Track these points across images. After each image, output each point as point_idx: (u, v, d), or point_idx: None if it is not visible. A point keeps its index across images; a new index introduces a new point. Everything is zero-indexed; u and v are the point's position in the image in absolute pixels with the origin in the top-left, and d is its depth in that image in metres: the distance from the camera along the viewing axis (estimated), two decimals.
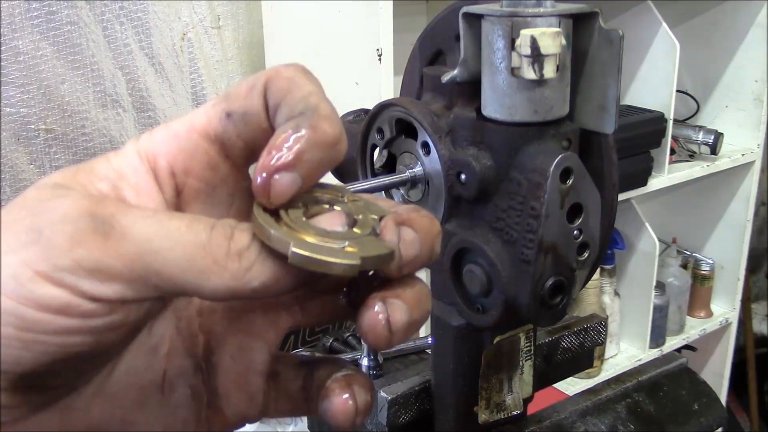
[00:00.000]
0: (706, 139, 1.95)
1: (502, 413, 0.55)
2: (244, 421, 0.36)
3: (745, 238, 2.17)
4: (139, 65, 1.57)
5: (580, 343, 0.65)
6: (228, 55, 1.69)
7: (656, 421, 0.61)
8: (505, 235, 0.44)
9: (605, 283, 1.94)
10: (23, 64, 1.43)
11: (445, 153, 0.47)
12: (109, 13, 1.51)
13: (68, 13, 1.46)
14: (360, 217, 0.33)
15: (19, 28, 1.41)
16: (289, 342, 1.01)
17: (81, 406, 0.32)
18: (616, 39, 0.42)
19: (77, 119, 1.51)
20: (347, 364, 0.37)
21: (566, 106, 0.45)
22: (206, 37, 1.65)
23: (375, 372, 0.75)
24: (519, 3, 0.42)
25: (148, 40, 1.57)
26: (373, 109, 0.53)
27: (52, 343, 0.28)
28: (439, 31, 0.51)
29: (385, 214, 0.33)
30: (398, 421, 0.58)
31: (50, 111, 1.48)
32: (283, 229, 0.30)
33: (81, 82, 1.50)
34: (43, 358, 0.28)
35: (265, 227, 0.30)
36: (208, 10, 1.63)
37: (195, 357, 0.36)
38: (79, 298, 0.28)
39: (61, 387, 0.32)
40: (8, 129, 1.44)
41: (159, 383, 0.35)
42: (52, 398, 0.32)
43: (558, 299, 0.45)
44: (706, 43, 2.10)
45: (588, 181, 0.44)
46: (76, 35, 1.48)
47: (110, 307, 0.28)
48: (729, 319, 2.25)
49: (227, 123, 0.33)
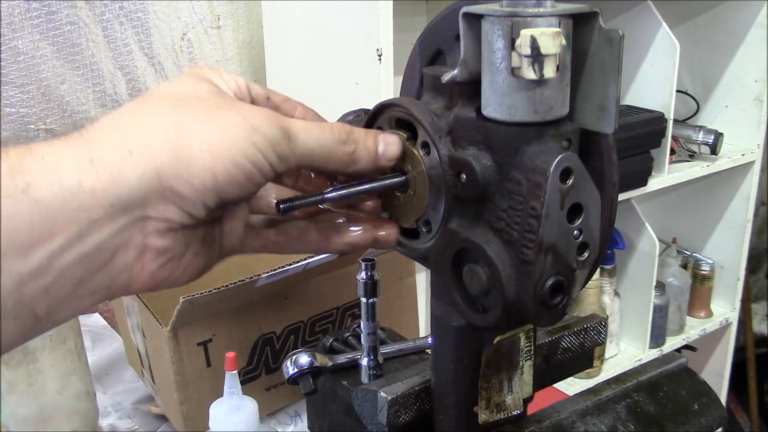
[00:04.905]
0: (706, 139, 1.95)
1: (502, 413, 0.55)
2: (232, 253, 0.50)
3: (745, 238, 2.17)
4: (139, 65, 1.57)
5: (580, 343, 0.65)
6: (228, 55, 1.69)
7: (656, 421, 0.61)
8: (505, 235, 0.44)
9: (605, 283, 1.94)
10: (23, 64, 1.43)
11: (445, 153, 0.47)
12: (109, 13, 1.51)
13: (68, 13, 1.46)
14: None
15: (19, 28, 1.41)
16: (290, 342, 1.01)
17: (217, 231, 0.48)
18: (616, 39, 0.42)
19: (77, 119, 1.51)
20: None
21: (566, 106, 0.45)
22: (206, 37, 1.65)
23: (375, 372, 0.75)
24: (519, 3, 0.42)
25: (148, 40, 1.57)
26: (373, 109, 0.53)
27: (240, 184, 0.43)
28: (439, 31, 0.51)
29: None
30: (398, 421, 0.58)
31: (50, 111, 1.48)
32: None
33: (81, 82, 1.50)
34: (238, 194, 0.43)
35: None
36: (208, 9, 1.63)
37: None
38: (268, 168, 0.44)
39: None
40: (8, 129, 1.44)
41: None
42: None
43: (558, 299, 0.45)
44: (706, 43, 2.10)
45: (588, 181, 0.44)
46: (75, 35, 1.48)
47: (273, 175, 0.44)
48: (729, 319, 2.25)
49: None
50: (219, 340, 0.95)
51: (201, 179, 0.41)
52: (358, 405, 0.61)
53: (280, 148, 0.44)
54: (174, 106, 0.43)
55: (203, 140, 0.42)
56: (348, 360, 0.78)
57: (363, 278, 0.73)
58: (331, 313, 1.04)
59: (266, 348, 0.99)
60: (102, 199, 0.40)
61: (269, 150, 0.43)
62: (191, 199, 0.42)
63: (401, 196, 0.52)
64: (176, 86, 0.46)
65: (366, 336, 0.74)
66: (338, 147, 0.47)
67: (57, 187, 0.39)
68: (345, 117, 0.58)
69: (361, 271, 0.73)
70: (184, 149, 0.41)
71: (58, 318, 0.41)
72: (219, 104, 0.45)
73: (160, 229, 0.42)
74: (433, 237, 0.51)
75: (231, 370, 0.80)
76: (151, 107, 0.43)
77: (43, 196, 0.38)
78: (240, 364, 0.96)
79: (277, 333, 1.00)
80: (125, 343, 1.14)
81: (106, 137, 0.41)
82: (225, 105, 0.45)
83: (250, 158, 0.43)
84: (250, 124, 0.43)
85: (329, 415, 0.79)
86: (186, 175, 0.41)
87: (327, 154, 0.47)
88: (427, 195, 0.50)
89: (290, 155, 0.45)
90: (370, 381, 0.74)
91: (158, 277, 0.44)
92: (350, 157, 0.48)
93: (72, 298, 0.41)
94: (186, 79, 0.46)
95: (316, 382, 0.77)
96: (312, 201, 0.49)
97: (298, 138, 0.45)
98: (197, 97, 0.45)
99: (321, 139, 0.46)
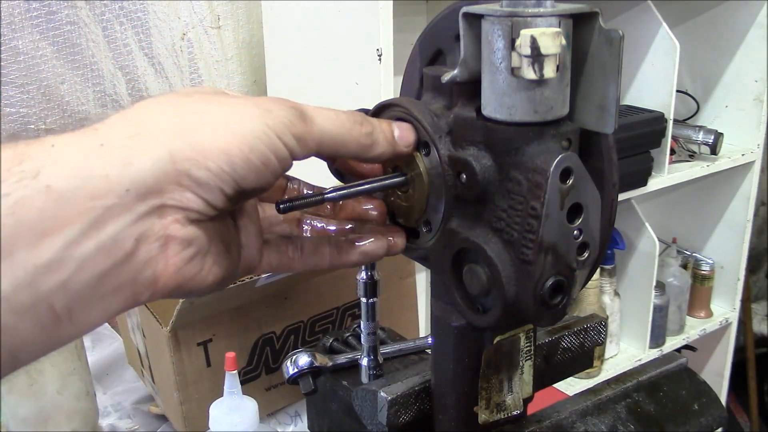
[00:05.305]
0: (706, 139, 1.95)
1: (502, 413, 0.55)
2: (251, 269, 0.49)
3: (745, 238, 2.17)
4: (139, 65, 1.57)
5: (580, 343, 0.65)
6: (228, 55, 1.69)
7: (656, 421, 0.61)
8: (505, 235, 0.45)
9: (605, 283, 1.94)
10: (23, 64, 1.43)
11: (445, 153, 0.47)
12: (109, 13, 1.51)
13: (68, 13, 1.46)
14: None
15: (19, 28, 1.41)
16: (290, 342, 1.01)
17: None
18: (616, 39, 0.42)
19: (77, 119, 1.51)
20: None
21: (566, 106, 0.45)
22: (206, 37, 1.65)
23: (375, 372, 0.75)
24: (519, 3, 0.42)
25: (148, 40, 1.57)
26: (372, 109, 0.53)
27: (257, 171, 0.42)
28: (439, 31, 0.51)
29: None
30: (398, 421, 0.58)
31: (50, 111, 1.48)
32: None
33: (81, 82, 1.50)
34: (255, 182, 0.42)
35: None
36: (208, 9, 1.63)
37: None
38: (285, 152, 0.43)
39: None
40: (8, 129, 1.44)
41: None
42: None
43: (558, 299, 0.45)
44: (706, 43, 2.10)
45: (588, 181, 0.44)
46: (75, 35, 1.48)
47: (291, 162, 0.44)
48: (729, 319, 2.25)
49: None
50: (219, 340, 0.95)
51: (216, 162, 0.41)
52: (358, 405, 0.61)
53: (296, 128, 0.43)
54: (181, 97, 0.43)
55: (215, 122, 0.41)
56: (348, 360, 0.78)
57: (363, 278, 0.73)
58: (331, 313, 1.04)
59: (266, 348, 0.99)
60: (116, 185, 0.38)
61: (285, 131, 0.42)
62: (208, 184, 0.41)
63: (401, 196, 0.52)
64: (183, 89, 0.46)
65: (366, 336, 0.74)
66: (355, 127, 0.46)
67: (69, 173, 0.38)
68: None
69: (361, 271, 0.73)
70: (197, 131, 0.41)
71: (82, 321, 0.39)
72: (227, 95, 0.45)
73: (179, 218, 0.41)
74: (433, 237, 0.51)
75: (231, 370, 0.81)
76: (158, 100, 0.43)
77: (55, 183, 0.37)
78: (240, 364, 0.96)
79: (277, 333, 1.00)
80: (125, 343, 1.15)
81: (116, 126, 0.41)
82: (233, 96, 0.45)
83: (265, 141, 0.42)
84: (263, 108, 0.43)
85: (329, 415, 0.79)
86: (201, 159, 0.40)
87: (345, 134, 0.46)
88: (426, 195, 0.50)
89: (307, 136, 0.44)
90: (370, 381, 0.74)
91: (185, 273, 0.42)
92: (369, 138, 0.47)
93: (94, 297, 0.39)
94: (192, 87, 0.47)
95: (316, 382, 0.77)
96: (312, 201, 0.49)
97: (314, 119, 0.44)
98: (203, 92, 0.45)
99: (337, 121, 0.45)
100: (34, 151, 0.38)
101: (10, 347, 0.37)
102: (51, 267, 0.37)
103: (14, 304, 0.36)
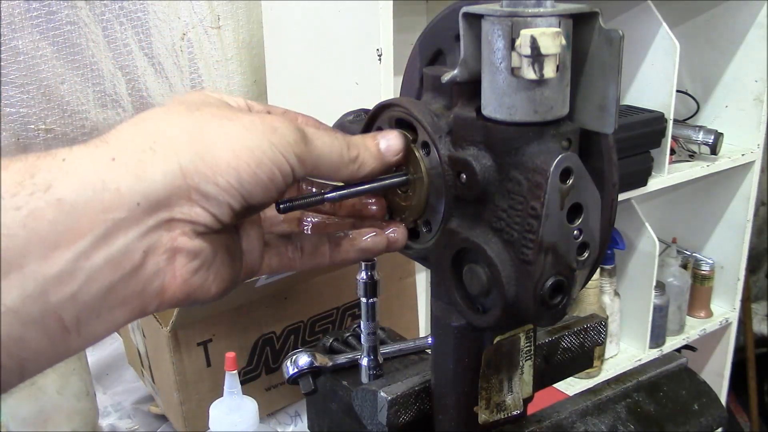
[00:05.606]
0: (706, 139, 1.95)
1: (502, 413, 0.55)
2: (253, 273, 0.50)
3: (745, 238, 2.17)
4: (139, 65, 1.57)
5: (580, 343, 0.65)
6: (228, 55, 1.69)
7: (656, 421, 0.61)
8: (505, 235, 0.45)
9: (605, 283, 1.94)
10: (23, 64, 1.43)
11: (445, 153, 0.47)
12: (109, 13, 1.51)
13: (68, 13, 1.46)
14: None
15: (19, 28, 1.41)
16: (290, 342, 1.01)
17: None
18: (616, 39, 0.42)
19: (77, 119, 1.51)
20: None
21: (566, 106, 0.45)
22: (206, 37, 1.65)
23: (375, 372, 0.75)
24: (519, 3, 0.42)
25: (148, 40, 1.57)
26: (373, 109, 0.53)
27: (263, 186, 0.43)
28: (439, 31, 0.51)
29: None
30: (398, 421, 0.58)
31: (50, 111, 1.48)
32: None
33: (81, 82, 1.50)
34: (262, 197, 0.44)
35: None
36: (208, 9, 1.63)
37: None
38: (288, 169, 0.44)
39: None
40: (8, 129, 1.44)
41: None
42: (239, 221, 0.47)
43: (558, 299, 0.45)
44: (706, 43, 2.10)
45: (588, 181, 0.44)
46: (75, 35, 1.48)
47: (291, 180, 0.44)
48: (729, 319, 2.25)
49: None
50: (219, 340, 0.95)
51: (226, 178, 0.41)
52: (358, 405, 0.61)
53: (298, 148, 0.44)
54: (190, 110, 0.44)
55: (225, 139, 0.42)
56: (348, 360, 0.78)
57: (363, 278, 0.73)
58: (331, 313, 1.04)
59: (266, 348, 0.99)
60: (127, 198, 0.39)
61: (288, 150, 0.43)
62: (217, 199, 0.42)
63: (401, 196, 0.52)
64: (187, 97, 0.46)
65: (366, 336, 0.74)
66: (344, 153, 0.48)
67: (80, 186, 0.38)
68: (345, 117, 0.58)
69: (361, 271, 0.73)
70: (207, 147, 0.41)
71: (90, 332, 0.40)
72: (233, 110, 0.46)
73: (187, 231, 0.42)
74: (433, 237, 0.51)
75: (231, 370, 0.81)
76: (167, 111, 0.44)
77: (67, 195, 0.38)
78: (240, 364, 0.96)
79: (277, 333, 1.00)
80: (125, 343, 1.15)
81: (126, 138, 0.41)
82: (239, 111, 0.46)
83: (271, 158, 0.43)
84: (268, 125, 0.44)
85: (329, 415, 0.79)
86: (210, 174, 0.41)
87: (337, 161, 0.47)
88: (426, 195, 0.50)
89: (307, 157, 0.45)
90: (370, 381, 0.74)
91: (192, 283, 0.43)
92: (355, 163, 0.48)
93: (102, 308, 0.40)
94: (194, 93, 0.47)
95: (316, 382, 0.77)
96: (312, 201, 0.49)
97: (313, 141, 0.45)
98: (210, 105, 0.45)
99: (332, 146, 0.47)
100: (46, 165, 0.39)
101: (18, 359, 0.37)
102: (61, 279, 0.38)
103: (23, 316, 0.37)
